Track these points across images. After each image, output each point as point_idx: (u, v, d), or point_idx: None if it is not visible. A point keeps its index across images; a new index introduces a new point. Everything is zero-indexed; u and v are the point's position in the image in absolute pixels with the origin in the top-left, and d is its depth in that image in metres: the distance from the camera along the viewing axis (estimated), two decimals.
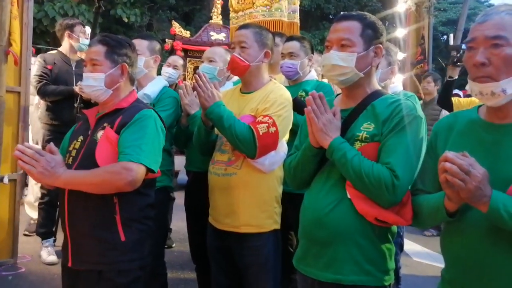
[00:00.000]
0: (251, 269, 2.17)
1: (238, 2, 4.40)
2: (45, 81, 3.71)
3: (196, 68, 7.93)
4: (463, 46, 3.74)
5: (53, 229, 3.85)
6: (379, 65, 1.70)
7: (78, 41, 3.89)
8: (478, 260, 1.28)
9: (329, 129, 1.54)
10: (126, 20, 12.71)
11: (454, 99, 3.83)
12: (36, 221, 4.03)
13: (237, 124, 2.05)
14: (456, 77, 3.78)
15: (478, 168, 1.18)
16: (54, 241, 3.85)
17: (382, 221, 1.50)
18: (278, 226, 2.20)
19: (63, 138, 2.06)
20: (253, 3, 4.19)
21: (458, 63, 3.69)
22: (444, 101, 3.87)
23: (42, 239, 3.78)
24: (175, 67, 4.04)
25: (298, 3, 4.41)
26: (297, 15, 4.32)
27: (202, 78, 2.14)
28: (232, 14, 4.47)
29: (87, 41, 3.86)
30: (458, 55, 3.69)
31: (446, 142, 1.41)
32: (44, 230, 3.78)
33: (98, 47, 1.89)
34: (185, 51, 8.67)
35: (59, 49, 4.00)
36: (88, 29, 4.08)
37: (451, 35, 4.88)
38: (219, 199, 2.21)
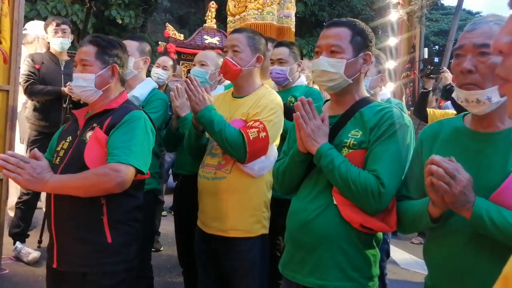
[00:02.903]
0: (237, 273, 2.17)
1: (235, 6, 4.44)
2: (32, 80, 3.67)
3: (189, 71, 7.93)
4: (436, 60, 3.87)
5: (26, 231, 3.73)
6: (368, 72, 1.71)
7: (51, 41, 3.85)
8: (460, 266, 1.29)
9: (317, 135, 1.55)
10: (120, 22, 12.66)
11: (429, 110, 3.94)
12: None
13: (227, 128, 2.05)
14: (430, 88, 3.91)
15: (463, 173, 1.20)
16: (40, 242, 3.78)
17: (367, 228, 1.51)
18: (266, 231, 2.20)
19: (49, 139, 2.04)
20: (246, 7, 4.22)
21: (432, 75, 3.81)
22: (419, 111, 3.95)
23: (14, 242, 3.64)
24: (164, 67, 4.03)
25: (292, 8, 4.41)
26: (291, 20, 4.32)
27: (193, 81, 2.14)
28: (229, 18, 4.51)
29: (66, 40, 3.84)
30: (432, 68, 3.81)
31: (431, 150, 1.42)
32: (17, 230, 3.65)
33: (88, 48, 1.88)
34: (179, 53, 8.68)
35: (48, 49, 3.97)
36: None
37: (426, 49, 5.04)
38: (208, 203, 2.20)
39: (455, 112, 3.60)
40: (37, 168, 1.68)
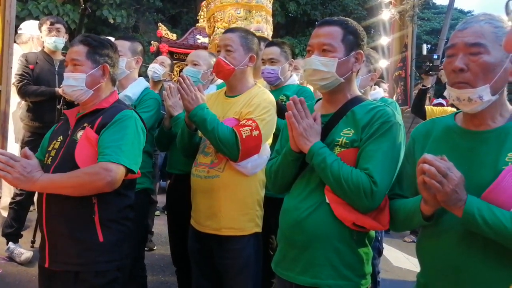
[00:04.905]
0: (231, 271, 2.17)
1: (208, 27, 4.56)
2: (26, 81, 3.62)
3: (182, 70, 7.93)
4: (435, 56, 3.84)
5: (20, 231, 3.69)
6: (359, 72, 1.72)
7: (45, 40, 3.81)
8: (453, 264, 1.30)
9: (309, 134, 1.55)
10: (112, 21, 12.61)
11: (427, 107, 3.92)
12: None
13: (220, 127, 2.06)
14: (429, 86, 3.89)
15: (455, 171, 1.20)
16: (34, 242, 3.75)
17: (359, 226, 1.52)
18: (259, 230, 2.21)
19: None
20: (214, 27, 4.33)
21: (430, 72, 3.80)
22: (418, 109, 3.94)
23: (7, 242, 3.61)
24: (162, 63, 4.06)
25: (264, 21, 4.47)
26: (262, 34, 4.36)
27: (185, 80, 2.14)
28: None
29: (60, 39, 3.80)
30: (431, 64, 3.79)
31: (423, 148, 1.43)
32: (10, 230, 3.62)
33: (79, 47, 1.87)
34: (171, 53, 8.68)
35: (42, 48, 3.93)
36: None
37: (424, 46, 5.05)
38: (201, 202, 2.20)
39: (454, 109, 3.60)
40: (27, 167, 1.67)
